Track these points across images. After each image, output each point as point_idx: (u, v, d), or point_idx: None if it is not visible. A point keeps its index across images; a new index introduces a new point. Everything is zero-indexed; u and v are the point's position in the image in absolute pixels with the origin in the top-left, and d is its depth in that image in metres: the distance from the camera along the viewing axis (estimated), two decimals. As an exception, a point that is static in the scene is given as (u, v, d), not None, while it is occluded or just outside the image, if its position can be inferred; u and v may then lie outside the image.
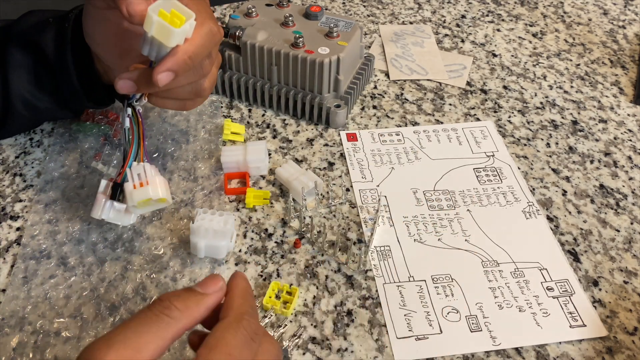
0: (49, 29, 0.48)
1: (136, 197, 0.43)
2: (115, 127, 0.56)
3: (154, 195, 0.43)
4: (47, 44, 0.47)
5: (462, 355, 0.42)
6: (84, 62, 0.48)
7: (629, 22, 0.79)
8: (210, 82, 0.45)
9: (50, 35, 0.47)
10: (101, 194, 0.44)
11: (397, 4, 0.79)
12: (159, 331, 0.27)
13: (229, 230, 0.45)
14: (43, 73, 0.49)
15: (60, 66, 0.47)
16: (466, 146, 0.59)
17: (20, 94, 0.49)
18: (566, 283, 0.47)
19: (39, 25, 0.48)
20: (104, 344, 0.26)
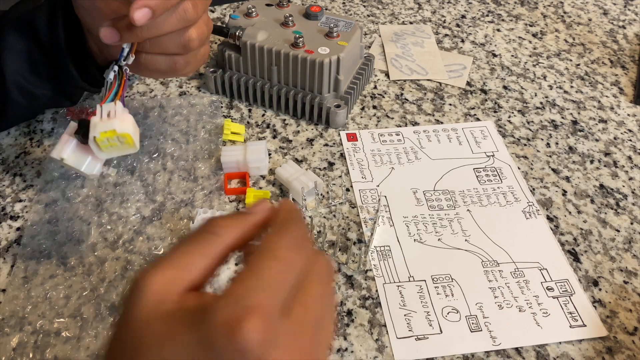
0: (41, 10, 0.48)
1: (99, 128, 0.38)
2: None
3: (119, 129, 0.38)
4: (40, 25, 0.47)
5: (462, 355, 0.42)
6: (78, 41, 0.48)
7: (629, 22, 0.79)
8: (197, 31, 0.43)
9: (42, 16, 0.47)
10: (66, 134, 0.40)
11: (397, 4, 0.79)
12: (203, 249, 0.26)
13: None
14: (38, 57, 0.49)
15: (53, 45, 0.47)
16: (466, 146, 0.59)
17: (15, 80, 0.49)
18: (566, 283, 0.47)
19: (32, 10, 0.48)
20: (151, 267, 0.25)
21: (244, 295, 0.23)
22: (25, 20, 0.48)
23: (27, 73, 0.49)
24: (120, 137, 0.39)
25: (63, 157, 0.40)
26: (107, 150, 0.40)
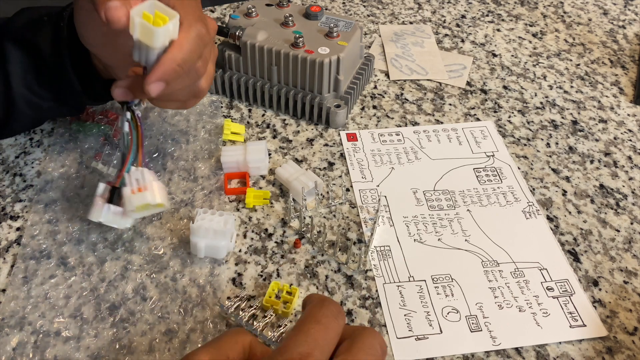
0: (44, 28, 0.47)
1: (134, 202, 0.43)
2: (115, 127, 0.56)
3: (152, 201, 0.43)
4: (43, 44, 0.47)
5: (462, 355, 0.42)
6: (82, 59, 0.48)
7: (629, 22, 0.79)
8: (207, 81, 0.45)
9: (46, 35, 0.47)
10: (99, 197, 0.44)
11: (397, 4, 0.79)
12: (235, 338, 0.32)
13: (229, 230, 0.45)
14: (42, 71, 0.49)
15: (57, 65, 0.47)
16: (466, 146, 0.59)
17: (21, 92, 0.49)
18: (566, 283, 0.47)
19: (34, 24, 0.48)
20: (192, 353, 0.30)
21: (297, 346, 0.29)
22: (27, 38, 0.48)
23: (33, 85, 0.49)
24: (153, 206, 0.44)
25: (101, 221, 0.44)
26: (140, 213, 0.45)
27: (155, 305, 0.44)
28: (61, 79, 0.48)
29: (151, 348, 0.41)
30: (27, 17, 0.49)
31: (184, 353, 0.41)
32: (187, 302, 0.44)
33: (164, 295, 0.45)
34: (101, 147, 0.55)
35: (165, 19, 0.38)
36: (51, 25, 0.47)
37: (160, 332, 0.42)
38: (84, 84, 0.48)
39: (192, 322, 0.43)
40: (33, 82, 0.49)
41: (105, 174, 0.52)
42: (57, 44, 0.47)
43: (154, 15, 0.38)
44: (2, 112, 0.50)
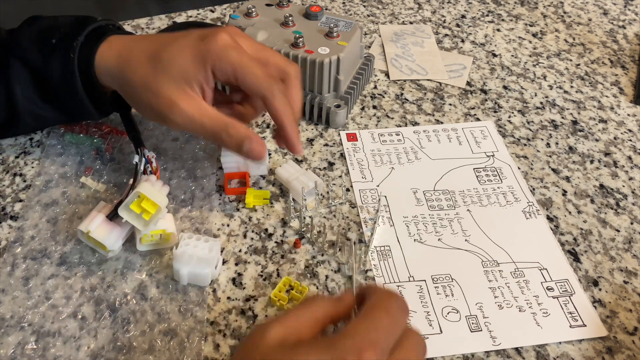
0: (53, 55, 0.46)
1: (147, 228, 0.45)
2: (107, 141, 0.55)
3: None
4: (52, 72, 0.46)
5: (462, 355, 0.42)
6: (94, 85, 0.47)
7: (629, 22, 0.79)
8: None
9: (55, 64, 0.46)
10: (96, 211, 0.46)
11: (397, 4, 0.79)
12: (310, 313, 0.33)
13: (214, 257, 0.44)
14: (50, 93, 0.48)
15: (70, 95, 0.47)
16: (466, 146, 0.59)
17: (26, 106, 0.48)
18: (566, 283, 0.47)
19: (42, 47, 0.47)
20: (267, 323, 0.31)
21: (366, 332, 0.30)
22: (34, 61, 0.47)
23: (39, 101, 0.49)
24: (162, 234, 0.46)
25: (90, 229, 0.44)
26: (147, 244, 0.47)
27: (155, 305, 0.44)
28: (71, 101, 0.48)
29: (151, 348, 0.41)
30: (34, 35, 0.48)
31: (184, 353, 0.41)
32: (187, 302, 0.44)
33: (164, 295, 0.45)
34: (92, 161, 0.54)
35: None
36: (61, 53, 0.46)
37: (160, 332, 0.42)
38: (95, 104, 0.49)
39: (192, 322, 0.43)
40: (39, 100, 0.48)
41: (94, 190, 0.52)
42: (67, 76, 0.46)
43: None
44: (5, 120, 0.50)
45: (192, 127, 0.44)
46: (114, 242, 0.45)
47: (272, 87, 0.44)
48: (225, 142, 0.44)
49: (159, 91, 0.44)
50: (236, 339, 0.43)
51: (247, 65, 0.43)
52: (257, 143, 0.44)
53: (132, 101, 0.47)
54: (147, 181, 0.45)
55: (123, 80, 0.45)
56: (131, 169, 0.52)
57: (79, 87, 0.46)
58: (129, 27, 0.72)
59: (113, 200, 0.47)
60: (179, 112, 0.43)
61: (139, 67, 0.44)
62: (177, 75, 0.43)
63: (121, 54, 0.46)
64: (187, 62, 0.43)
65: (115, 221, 0.46)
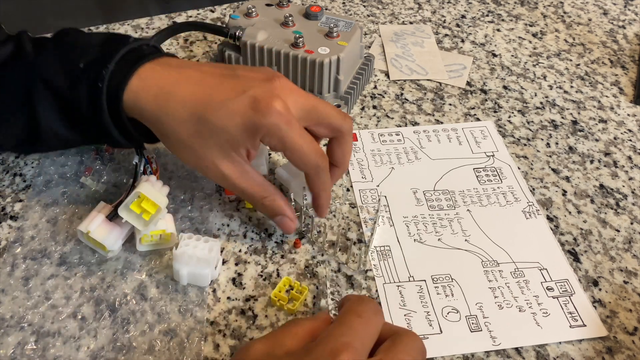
0: (80, 83, 0.43)
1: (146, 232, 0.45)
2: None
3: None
4: (79, 100, 0.43)
5: (462, 355, 0.42)
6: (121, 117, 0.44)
7: (629, 22, 0.79)
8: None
9: (82, 92, 0.43)
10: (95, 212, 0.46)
11: (397, 4, 0.79)
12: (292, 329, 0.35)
13: (214, 257, 0.44)
14: (76, 119, 0.45)
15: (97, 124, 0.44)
16: (466, 146, 0.59)
17: (50, 128, 0.46)
18: (566, 283, 0.47)
19: (69, 72, 0.44)
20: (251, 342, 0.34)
21: (340, 335, 0.32)
22: (60, 87, 0.44)
23: (63, 125, 0.46)
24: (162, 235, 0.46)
25: (90, 230, 0.44)
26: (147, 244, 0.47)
27: (155, 306, 0.44)
28: (98, 131, 0.45)
29: (151, 348, 0.41)
30: (62, 55, 0.45)
31: (183, 353, 0.41)
32: (187, 302, 0.44)
33: (164, 295, 0.45)
34: (92, 162, 0.54)
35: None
36: (89, 82, 0.43)
37: (160, 332, 0.42)
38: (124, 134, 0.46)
39: (192, 322, 0.43)
40: (64, 125, 0.46)
41: (94, 190, 0.52)
42: (95, 104, 0.43)
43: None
44: (28, 138, 0.47)
45: (231, 188, 0.45)
46: (113, 242, 0.45)
47: (317, 168, 0.44)
48: (259, 210, 0.47)
49: (203, 154, 0.43)
50: (236, 339, 0.43)
51: (296, 143, 0.42)
52: (290, 220, 0.46)
53: (170, 147, 0.45)
54: (147, 181, 0.45)
55: (161, 132, 0.44)
56: (131, 169, 0.52)
57: (107, 119, 0.44)
58: (128, 27, 0.72)
59: (113, 201, 0.47)
60: (220, 175, 0.44)
61: (182, 125, 0.42)
62: (225, 143, 0.42)
63: (158, 99, 0.43)
64: (237, 131, 0.41)
65: (115, 221, 0.46)
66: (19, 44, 0.46)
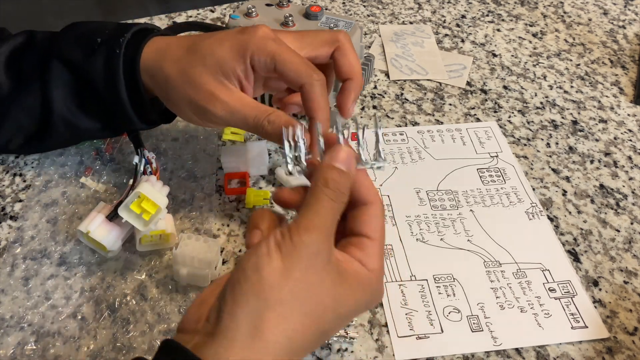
0: (97, 53, 0.44)
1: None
2: (107, 142, 0.55)
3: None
4: (95, 72, 0.44)
5: (462, 355, 0.42)
6: (138, 89, 0.45)
7: (629, 22, 0.79)
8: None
9: (99, 63, 0.44)
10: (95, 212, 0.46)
11: (397, 4, 0.79)
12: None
13: (214, 257, 0.44)
14: (89, 97, 0.46)
15: (111, 97, 0.45)
16: (470, 146, 0.59)
17: (62, 114, 0.46)
18: (568, 284, 0.47)
19: (85, 46, 0.45)
20: None
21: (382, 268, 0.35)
22: (77, 61, 0.45)
23: (75, 108, 0.46)
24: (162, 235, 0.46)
25: (89, 230, 0.44)
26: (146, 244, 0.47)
27: (155, 306, 0.44)
28: (113, 107, 0.45)
29: (151, 348, 0.41)
30: (77, 35, 0.46)
31: (184, 353, 0.41)
32: (187, 303, 0.44)
33: (164, 296, 0.44)
34: (92, 162, 0.54)
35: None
36: (105, 51, 0.44)
37: (160, 332, 0.42)
38: (138, 112, 0.46)
39: (193, 322, 0.43)
40: (76, 105, 0.46)
41: (94, 190, 0.51)
42: (111, 75, 0.44)
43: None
44: (38, 130, 0.47)
45: (234, 118, 0.42)
46: (113, 242, 0.45)
47: (311, 76, 0.42)
48: (267, 130, 0.41)
49: (197, 83, 0.42)
50: (237, 339, 0.42)
51: (285, 54, 0.42)
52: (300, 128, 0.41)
53: (170, 98, 0.44)
54: (147, 181, 0.45)
55: (160, 75, 0.43)
56: (131, 170, 0.52)
57: (122, 87, 0.44)
58: (128, 27, 0.72)
59: (113, 201, 0.47)
60: (219, 103, 0.42)
61: (176, 60, 0.43)
62: (215, 66, 0.42)
63: (159, 49, 0.44)
64: (225, 52, 0.42)
65: (115, 221, 0.45)
66: (29, 35, 0.48)
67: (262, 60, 0.42)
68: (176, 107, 0.45)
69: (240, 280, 0.30)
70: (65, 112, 0.46)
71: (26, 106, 0.46)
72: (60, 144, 0.52)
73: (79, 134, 0.49)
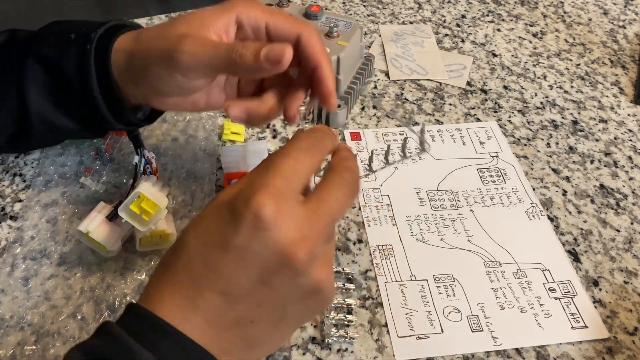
0: (70, 49, 0.43)
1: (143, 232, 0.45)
2: (107, 142, 0.54)
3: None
4: (69, 69, 0.43)
5: (462, 355, 0.42)
6: (111, 85, 0.43)
7: (629, 22, 0.79)
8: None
9: (71, 58, 0.43)
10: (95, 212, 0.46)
11: (397, 4, 0.79)
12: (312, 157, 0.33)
13: None
14: (65, 95, 0.45)
15: (84, 92, 0.43)
16: (470, 146, 0.59)
17: (39, 113, 0.45)
18: (568, 284, 0.47)
19: (59, 42, 0.44)
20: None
21: (257, 180, 0.30)
22: (50, 57, 0.44)
23: (52, 107, 0.45)
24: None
25: (89, 230, 0.44)
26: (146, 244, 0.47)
27: (156, 306, 0.44)
28: (88, 105, 0.44)
29: (152, 348, 0.41)
30: (53, 32, 0.46)
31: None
32: (187, 302, 0.44)
33: (164, 296, 0.44)
34: (92, 162, 0.54)
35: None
36: (78, 45, 0.43)
37: (161, 332, 0.42)
38: (114, 111, 0.44)
39: (193, 323, 0.43)
40: (53, 103, 0.45)
41: (94, 190, 0.51)
42: (83, 70, 0.43)
43: None
44: (18, 129, 0.47)
45: (204, 56, 0.38)
46: (113, 242, 0.45)
47: (306, 24, 0.40)
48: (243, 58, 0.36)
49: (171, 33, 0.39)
50: (237, 339, 0.42)
51: (276, 10, 0.40)
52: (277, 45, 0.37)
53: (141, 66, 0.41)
54: (147, 181, 0.45)
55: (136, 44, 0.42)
56: (131, 170, 0.52)
57: (94, 84, 0.43)
58: (128, 27, 0.72)
59: (113, 201, 0.47)
60: (187, 43, 0.38)
61: (155, 28, 0.41)
62: (195, 21, 0.39)
63: (138, 34, 0.43)
64: (208, 12, 0.39)
65: (114, 222, 0.45)
66: (12, 33, 0.47)
67: (251, 16, 0.40)
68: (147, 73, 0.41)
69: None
70: (43, 111, 0.45)
71: (5, 105, 0.45)
72: (44, 143, 0.52)
73: (60, 134, 0.48)
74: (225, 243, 0.29)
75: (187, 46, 0.38)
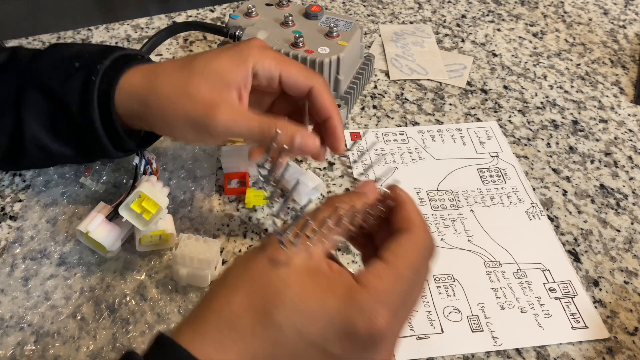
0: (73, 78, 0.43)
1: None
2: None
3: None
4: (71, 98, 0.42)
5: (463, 355, 0.42)
6: (112, 118, 0.43)
7: (629, 22, 0.79)
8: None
9: (74, 87, 0.42)
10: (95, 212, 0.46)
11: (397, 4, 0.79)
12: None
13: (214, 258, 0.44)
14: (63, 123, 0.44)
15: (85, 123, 0.43)
16: (470, 146, 0.59)
17: (34, 138, 0.44)
18: (569, 284, 0.47)
19: (63, 70, 0.43)
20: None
21: (384, 293, 0.29)
22: (52, 85, 0.43)
23: (48, 134, 0.45)
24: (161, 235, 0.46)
25: (89, 230, 0.44)
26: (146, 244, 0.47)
27: (155, 306, 0.44)
28: (87, 134, 0.44)
29: (152, 348, 0.41)
30: (57, 58, 0.45)
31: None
32: (187, 302, 0.44)
33: (163, 296, 0.44)
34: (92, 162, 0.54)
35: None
36: (83, 75, 0.43)
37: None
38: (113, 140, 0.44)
39: (193, 323, 0.43)
40: (49, 130, 0.45)
41: (94, 190, 0.51)
42: (86, 101, 0.42)
43: None
44: (13, 150, 0.46)
45: (237, 129, 0.40)
46: (113, 242, 0.45)
47: (318, 76, 0.41)
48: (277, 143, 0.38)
49: (195, 96, 0.39)
50: (237, 339, 0.42)
51: (288, 61, 0.41)
52: (310, 137, 0.40)
53: (162, 118, 0.42)
54: (147, 181, 0.45)
55: (153, 97, 0.41)
56: (131, 170, 0.52)
57: (96, 115, 0.42)
58: (128, 27, 0.72)
59: (113, 201, 0.47)
60: (221, 115, 0.39)
61: (170, 77, 0.41)
62: (214, 76, 0.40)
63: (148, 72, 0.42)
64: (224, 62, 0.40)
65: (114, 222, 0.45)
66: (13, 53, 0.47)
67: (266, 66, 0.41)
68: (171, 127, 0.42)
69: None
70: (38, 136, 0.44)
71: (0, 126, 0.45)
72: (37, 164, 0.51)
73: (54, 158, 0.48)
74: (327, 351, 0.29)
75: (221, 119, 0.39)
